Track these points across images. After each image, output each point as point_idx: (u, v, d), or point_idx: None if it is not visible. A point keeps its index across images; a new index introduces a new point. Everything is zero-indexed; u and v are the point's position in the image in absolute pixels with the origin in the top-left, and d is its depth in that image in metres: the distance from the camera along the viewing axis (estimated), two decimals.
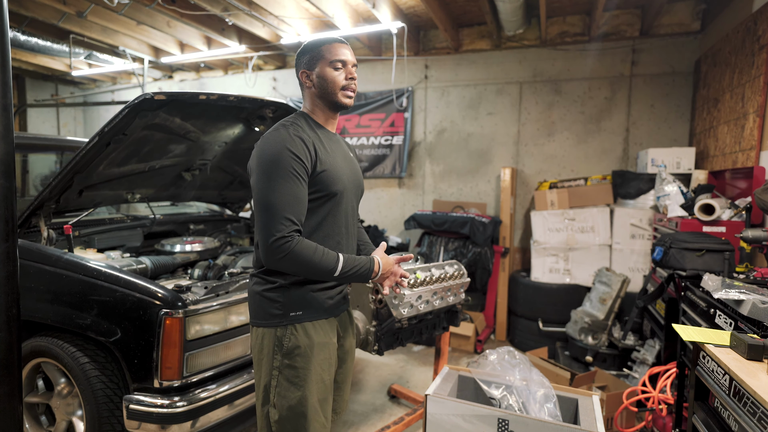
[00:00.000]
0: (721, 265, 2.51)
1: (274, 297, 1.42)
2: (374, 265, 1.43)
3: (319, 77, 1.44)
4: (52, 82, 7.57)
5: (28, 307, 2.02)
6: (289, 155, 1.32)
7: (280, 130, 1.38)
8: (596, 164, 4.56)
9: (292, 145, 1.34)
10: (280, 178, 1.31)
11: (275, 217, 1.29)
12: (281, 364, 1.41)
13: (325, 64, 1.43)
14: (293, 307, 1.42)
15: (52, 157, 3.44)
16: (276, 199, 1.30)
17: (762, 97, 2.82)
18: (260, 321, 1.44)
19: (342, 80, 1.44)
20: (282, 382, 1.41)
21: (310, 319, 1.44)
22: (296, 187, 1.33)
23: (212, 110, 2.36)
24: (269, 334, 1.42)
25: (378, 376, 3.49)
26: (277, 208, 1.30)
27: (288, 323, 1.41)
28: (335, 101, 1.46)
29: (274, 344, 1.41)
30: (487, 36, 4.77)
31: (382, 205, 5.49)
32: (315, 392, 1.42)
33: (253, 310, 1.47)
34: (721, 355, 1.34)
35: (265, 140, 1.38)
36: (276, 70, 5.98)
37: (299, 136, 1.37)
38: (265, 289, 1.43)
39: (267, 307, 1.42)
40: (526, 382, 1.77)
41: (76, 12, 4.28)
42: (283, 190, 1.31)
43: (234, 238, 3.34)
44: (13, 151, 1.57)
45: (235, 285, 2.12)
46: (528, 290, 4.15)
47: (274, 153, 1.33)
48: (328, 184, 1.41)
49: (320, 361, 1.44)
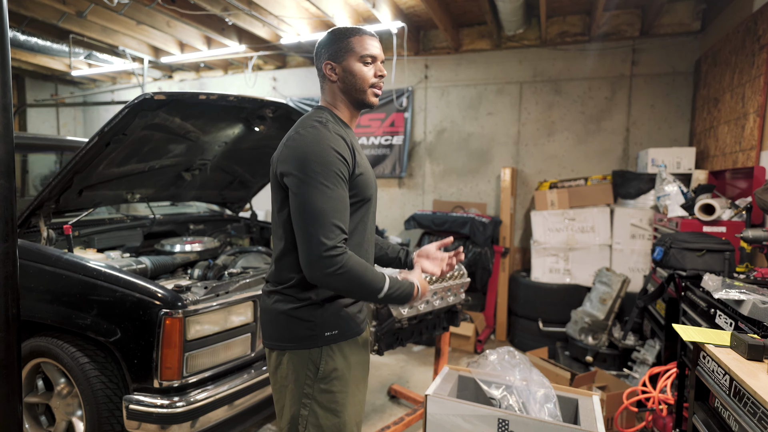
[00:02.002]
0: (722, 265, 2.51)
1: (306, 316, 1.27)
2: (414, 290, 1.31)
3: (346, 71, 1.31)
4: (52, 82, 7.57)
5: (28, 307, 2.01)
6: (335, 155, 1.19)
7: (318, 128, 1.23)
8: (596, 164, 4.56)
9: (336, 144, 1.21)
10: (328, 182, 1.17)
11: (325, 225, 1.15)
12: (315, 390, 1.27)
13: (355, 58, 1.30)
14: (328, 326, 1.29)
15: (52, 157, 3.44)
16: (323, 206, 1.16)
17: (762, 97, 2.81)
18: (287, 344, 1.29)
19: (371, 77, 1.32)
20: (316, 410, 1.27)
21: (346, 338, 1.32)
22: (343, 191, 1.21)
23: (212, 110, 2.36)
24: (300, 357, 1.28)
25: (378, 376, 3.49)
26: (326, 216, 1.16)
27: (323, 344, 1.28)
28: (362, 99, 1.33)
29: (306, 369, 1.27)
30: (487, 36, 4.77)
31: (382, 205, 5.49)
32: (353, 416, 1.32)
33: (277, 331, 1.31)
34: (721, 355, 1.34)
35: (304, 139, 1.22)
36: (276, 70, 5.98)
37: (340, 135, 1.24)
38: (293, 307, 1.28)
39: (295, 328, 1.28)
40: (526, 382, 1.77)
41: (76, 12, 4.27)
42: (332, 195, 1.17)
43: (234, 238, 3.34)
44: (12, 151, 1.57)
45: (235, 285, 2.12)
46: (528, 290, 4.15)
47: (319, 153, 1.18)
48: (364, 189, 1.30)
49: (357, 381, 1.34)
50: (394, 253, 1.60)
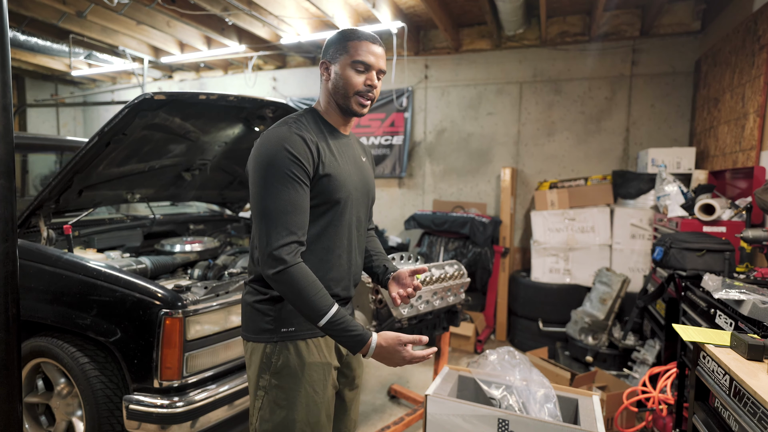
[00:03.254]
0: (722, 265, 2.51)
1: (265, 309, 1.29)
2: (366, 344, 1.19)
3: (336, 73, 1.29)
4: (52, 82, 7.57)
5: (28, 307, 2.02)
6: (286, 156, 1.19)
7: (281, 126, 1.25)
8: (596, 164, 4.56)
9: (291, 144, 1.20)
10: (277, 183, 1.18)
11: (273, 226, 1.17)
12: (268, 383, 1.29)
13: (347, 62, 1.27)
14: (285, 322, 1.29)
15: (52, 157, 3.44)
16: (273, 206, 1.17)
17: (762, 97, 2.81)
18: (249, 335, 1.33)
19: (359, 85, 1.28)
20: (266, 404, 1.29)
21: (304, 336, 1.30)
22: (295, 192, 1.19)
23: (212, 110, 2.36)
24: (258, 349, 1.30)
25: (378, 376, 3.49)
26: (274, 217, 1.17)
27: (278, 339, 1.28)
28: (345, 105, 1.31)
29: (261, 361, 1.29)
30: (487, 36, 4.77)
31: (382, 205, 5.49)
32: (304, 415, 1.29)
33: (244, 321, 1.35)
34: (721, 355, 1.34)
35: (263, 138, 1.24)
36: (276, 70, 5.98)
37: (300, 135, 1.23)
38: (256, 300, 1.31)
39: (257, 320, 1.30)
40: (526, 382, 1.77)
41: (76, 12, 4.27)
42: (280, 196, 1.18)
43: (234, 238, 3.34)
44: (12, 151, 1.57)
45: (235, 285, 2.12)
46: (528, 290, 4.15)
47: (271, 153, 1.20)
48: (331, 191, 1.27)
49: (312, 381, 1.30)
50: (377, 269, 1.55)
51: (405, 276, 1.47)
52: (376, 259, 1.56)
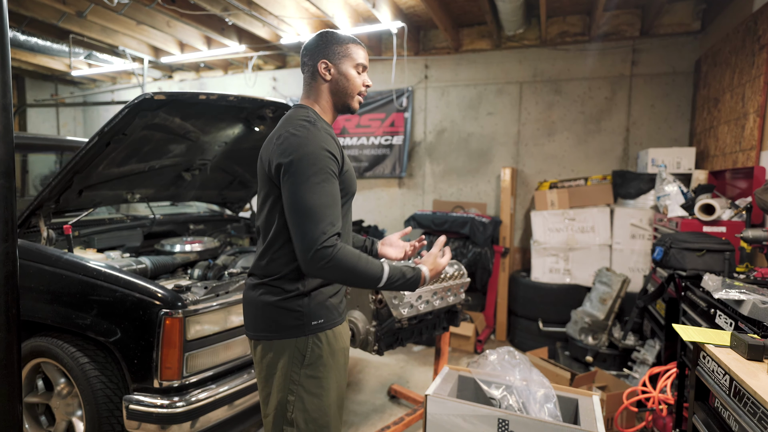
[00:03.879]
0: (722, 265, 2.51)
1: (293, 306, 1.33)
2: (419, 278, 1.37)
3: (341, 74, 1.38)
4: (52, 82, 7.56)
5: (28, 307, 2.02)
6: (326, 155, 1.26)
7: (309, 128, 1.29)
8: (596, 164, 4.56)
9: (327, 143, 1.28)
10: (320, 179, 1.24)
11: (318, 221, 1.22)
12: (302, 376, 1.34)
13: (351, 64, 1.39)
14: (314, 316, 1.35)
15: (52, 157, 3.44)
16: (317, 202, 1.23)
17: (762, 97, 2.81)
18: (273, 334, 1.34)
19: (360, 85, 1.41)
20: (302, 395, 1.34)
21: (330, 326, 1.38)
22: (334, 187, 1.27)
23: (212, 110, 2.36)
24: (286, 346, 1.33)
25: (378, 376, 3.49)
26: (318, 212, 1.22)
27: (310, 333, 1.34)
28: (348, 104, 1.42)
29: (292, 357, 1.33)
30: (487, 36, 4.77)
31: (382, 205, 5.49)
32: (335, 399, 1.39)
33: (263, 322, 1.36)
34: (721, 355, 1.34)
35: (298, 139, 1.27)
36: (276, 70, 5.98)
37: (331, 134, 1.33)
38: (281, 299, 1.33)
39: (284, 318, 1.33)
40: (526, 382, 1.77)
41: (76, 12, 4.27)
42: (324, 192, 1.24)
43: (234, 238, 3.34)
44: (12, 151, 1.57)
45: (235, 285, 2.12)
46: (528, 290, 4.15)
47: (312, 152, 1.25)
48: (349, 184, 1.38)
49: (338, 366, 1.40)
50: (360, 243, 1.69)
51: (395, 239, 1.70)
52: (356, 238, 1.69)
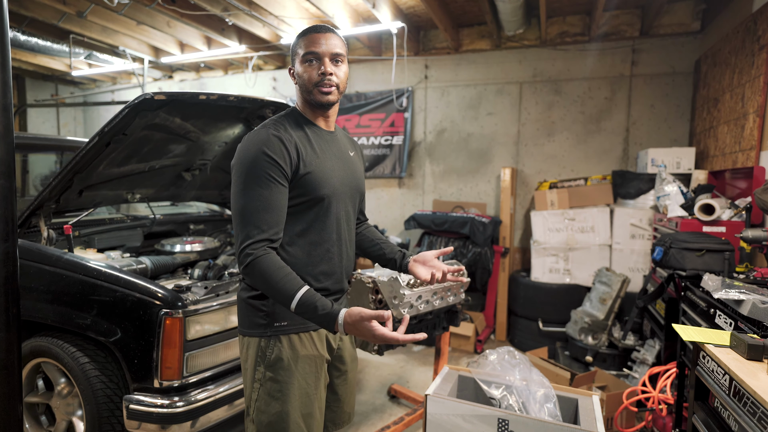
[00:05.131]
0: (721, 265, 2.51)
1: (259, 305, 1.34)
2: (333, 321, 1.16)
3: (298, 74, 1.35)
4: (52, 82, 7.56)
5: (28, 307, 2.02)
6: (264, 159, 1.24)
7: (261, 130, 1.30)
8: (596, 164, 4.56)
9: (269, 146, 1.25)
10: (254, 183, 1.23)
11: (245, 225, 1.23)
12: (263, 376, 1.34)
13: (299, 60, 1.33)
14: (278, 316, 1.34)
15: (52, 157, 3.44)
16: (247, 205, 1.23)
17: (762, 97, 2.81)
18: (245, 330, 1.38)
19: (315, 76, 1.31)
20: (262, 396, 1.33)
21: (296, 330, 1.35)
22: (270, 192, 1.24)
23: (212, 110, 2.36)
24: (253, 344, 1.35)
25: (378, 376, 3.49)
26: (246, 216, 1.23)
27: (272, 334, 1.33)
28: (311, 99, 1.35)
29: (257, 355, 1.34)
30: (487, 36, 4.77)
31: (382, 205, 5.49)
32: (297, 407, 1.34)
33: (240, 317, 1.41)
34: (721, 355, 1.34)
35: (244, 141, 1.29)
36: (276, 70, 5.98)
37: (278, 137, 1.27)
38: (250, 296, 1.36)
39: (252, 316, 1.36)
40: (526, 382, 1.77)
41: (76, 12, 4.28)
42: (255, 196, 1.23)
43: (234, 238, 3.34)
44: (13, 151, 1.57)
45: (235, 285, 2.12)
46: (528, 290, 4.15)
47: (250, 156, 1.25)
48: (313, 188, 1.31)
49: (305, 374, 1.35)
50: (392, 254, 1.59)
51: (431, 258, 1.52)
52: (386, 246, 1.61)
